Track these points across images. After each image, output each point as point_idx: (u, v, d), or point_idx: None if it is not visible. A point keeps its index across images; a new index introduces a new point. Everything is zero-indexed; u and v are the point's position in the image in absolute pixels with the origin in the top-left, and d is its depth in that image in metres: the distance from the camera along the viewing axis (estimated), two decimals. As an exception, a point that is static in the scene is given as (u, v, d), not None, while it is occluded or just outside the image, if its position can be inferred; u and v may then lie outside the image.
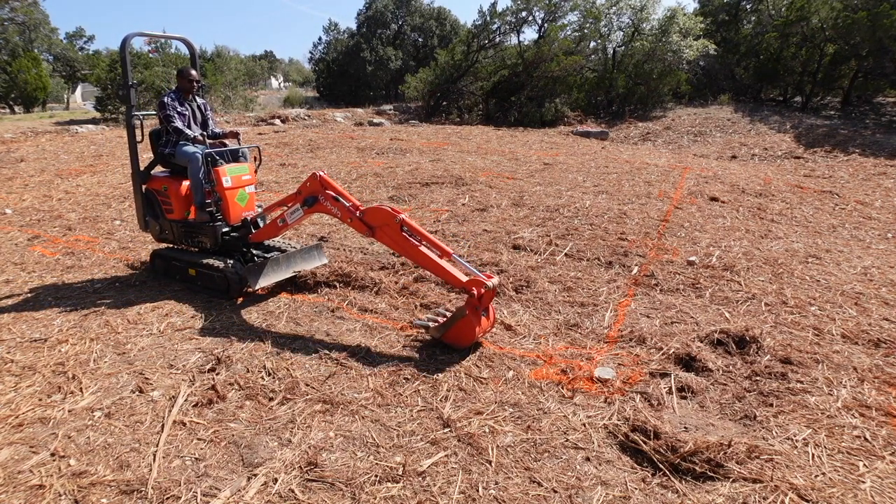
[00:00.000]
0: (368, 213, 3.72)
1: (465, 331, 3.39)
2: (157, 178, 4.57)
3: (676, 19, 19.81)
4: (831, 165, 11.88)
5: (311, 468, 2.40)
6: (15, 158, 10.73)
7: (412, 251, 3.57)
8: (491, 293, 3.36)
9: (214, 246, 4.45)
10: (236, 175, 4.41)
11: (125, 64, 4.27)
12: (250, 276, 4.10)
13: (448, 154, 11.01)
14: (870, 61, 16.92)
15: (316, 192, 3.96)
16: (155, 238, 4.84)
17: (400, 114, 20.95)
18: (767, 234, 6.22)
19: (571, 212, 6.75)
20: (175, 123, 4.39)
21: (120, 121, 16.47)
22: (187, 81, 4.53)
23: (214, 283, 4.34)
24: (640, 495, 2.29)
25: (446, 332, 3.47)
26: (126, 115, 4.47)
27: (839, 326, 3.84)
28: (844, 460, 2.50)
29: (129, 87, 4.32)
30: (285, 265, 4.37)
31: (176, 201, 4.47)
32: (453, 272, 3.46)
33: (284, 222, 4.17)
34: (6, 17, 26.25)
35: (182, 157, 4.39)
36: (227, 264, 4.27)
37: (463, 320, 3.36)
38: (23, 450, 2.53)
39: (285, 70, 58.50)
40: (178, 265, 4.61)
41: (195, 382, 3.09)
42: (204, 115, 4.75)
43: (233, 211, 4.41)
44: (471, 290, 3.31)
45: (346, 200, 3.87)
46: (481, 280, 3.32)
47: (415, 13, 33.28)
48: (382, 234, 3.67)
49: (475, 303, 3.31)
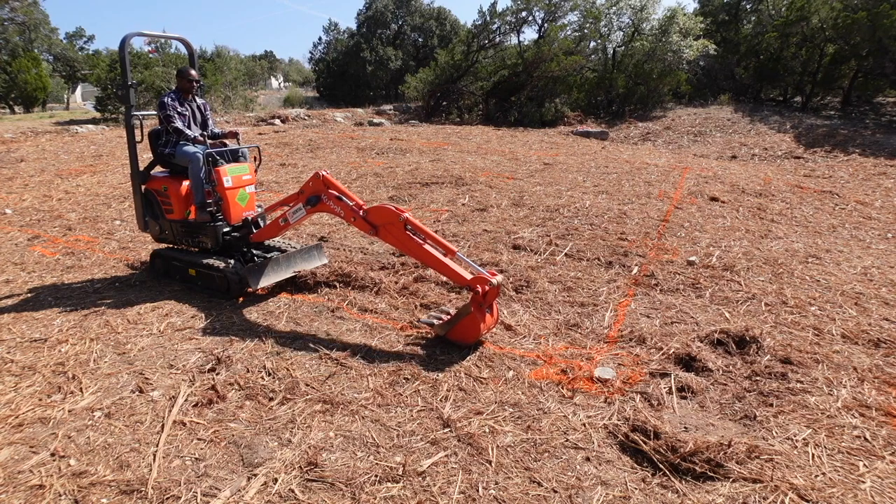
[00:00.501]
0: (372, 212, 3.72)
1: (469, 328, 3.41)
2: (157, 179, 4.56)
3: (676, 19, 19.82)
4: (831, 165, 11.88)
5: (311, 468, 2.40)
6: (15, 158, 10.73)
7: (416, 250, 3.57)
8: (495, 290, 3.40)
9: (215, 246, 4.44)
10: (237, 175, 4.42)
11: (124, 64, 4.26)
12: (250, 277, 4.09)
13: (448, 154, 11.01)
14: (870, 61, 16.92)
15: (319, 192, 3.96)
16: (154, 238, 4.83)
17: (400, 114, 20.95)
18: (767, 234, 6.22)
19: (571, 212, 6.75)
20: (175, 124, 4.39)
21: (120, 121, 16.47)
22: (187, 82, 4.53)
23: (215, 284, 4.34)
24: (640, 495, 2.29)
25: (451, 330, 3.50)
26: (125, 115, 4.47)
27: (839, 326, 3.84)
28: (844, 460, 2.50)
29: (128, 88, 4.31)
30: (285, 265, 4.37)
31: (176, 201, 4.46)
32: (458, 270, 3.48)
33: (286, 222, 4.17)
34: (6, 17, 26.23)
35: (182, 157, 4.39)
36: (227, 264, 4.26)
37: (468, 317, 3.39)
38: (23, 450, 2.53)
39: (285, 70, 58.46)
40: (178, 265, 4.61)
41: (195, 382, 3.09)
42: (204, 116, 4.74)
43: (233, 211, 4.41)
44: (475, 288, 3.33)
45: (349, 200, 3.87)
46: (486, 277, 3.34)
47: (415, 13, 33.27)
48: (386, 233, 3.67)
49: (479, 300, 3.34)
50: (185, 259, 4.52)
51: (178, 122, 4.41)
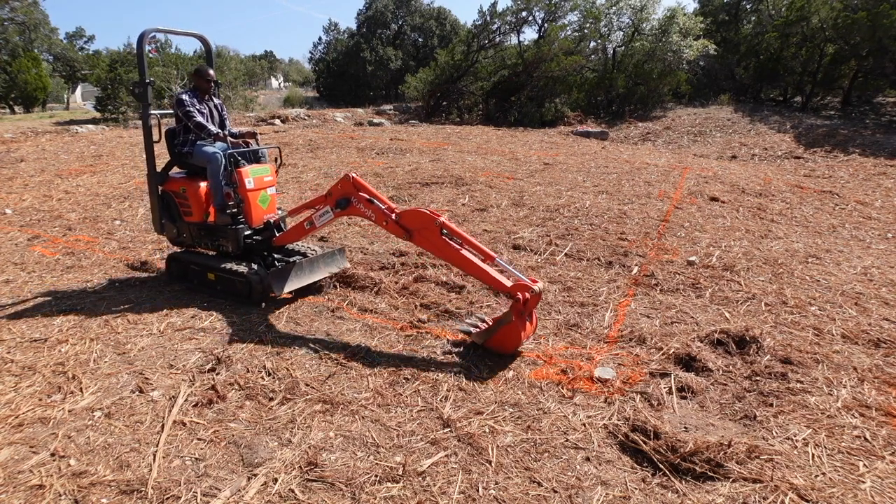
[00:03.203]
0: (406, 216, 3.56)
1: (510, 336, 3.30)
2: (175, 180, 4.41)
3: (676, 19, 19.82)
4: (831, 165, 11.88)
5: (311, 468, 2.40)
6: (15, 158, 10.73)
7: (453, 255, 3.42)
8: (536, 298, 3.26)
9: (236, 250, 4.27)
10: (258, 176, 4.26)
11: (142, 60, 4.11)
12: (275, 282, 3.95)
13: (448, 154, 11.01)
14: (870, 61, 16.92)
15: (348, 194, 3.80)
16: (171, 241, 4.67)
17: (400, 114, 20.95)
18: (767, 234, 6.22)
19: (571, 212, 6.75)
20: (197, 119, 4.20)
21: (120, 121, 16.46)
22: (205, 81, 4.36)
23: (235, 289, 4.19)
24: (640, 495, 2.29)
25: (490, 338, 3.37)
26: (142, 113, 4.28)
27: (839, 326, 3.84)
28: (844, 460, 2.50)
29: (145, 85, 4.16)
30: (308, 270, 4.23)
31: (195, 203, 4.29)
32: (497, 277, 3.33)
33: (312, 225, 4.02)
34: (6, 17, 26.25)
35: (201, 157, 4.22)
36: (249, 269, 4.12)
37: (508, 326, 3.27)
38: (23, 450, 2.53)
39: (285, 70, 58.49)
40: (196, 269, 4.46)
41: (195, 382, 3.09)
42: (221, 116, 4.58)
43: (255, 213, 4.25)
44: (516, 295, 3.21)
45: (380, 203, 3.71)
46: (527, 284, 3.23)
47: (415, 13, 33.30)
48: (421, 238, 3.52)
49: (520, 308, 3.21)
50: (204, 263, 4.37)
51: (199, 117, 4.23)
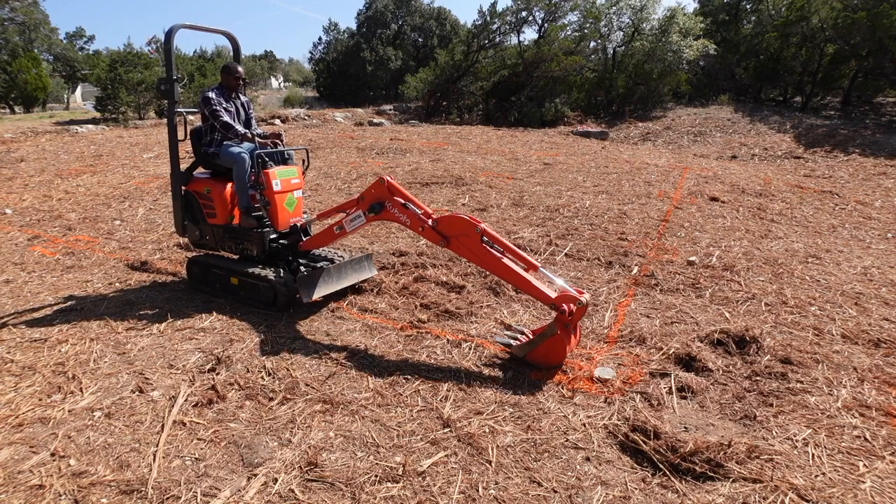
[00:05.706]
0: (443, 222, 3.43)
1: (554, 350, 3.17)
2: (200, 180, 4.29)
3: (676, 19, 19.80)
4: (831, 165, 11.88)
5: (311, 468, 2.40)
6: (15, 158, 10.72)
7: (495, 264, 3.29)
8: (583, 310, 3.11)
9: (262, 254, 4.17)
10: (286, 178, 4.13)
11: (169, 57, 4.02)
12: (303, 288, 3.83)
13: (448, 154, 11.01)
14: (870, 61, 16.91)
15: (382, 199, 3.66)
16: (192, 244, 4.57)
17: (400, 114, 20.94)
18: (767, 234, 6.22)
19: (571, 212, 6.75)
20: (224, 118, 4.09)
21: (120, 121, 16.45)
22: (233, 78, 4.26)
23: (260, 294, 4.08)
24: (640, 495, 2.29)
25: (532, 351, 3.24)
26: (168, 111, 4.19)
27: (839, 326, 3.84)
28: (844, 460, 2.50)
29: (172, 82, 4.04)
30: (336, 276, 4.10)
31: (220, 205, 4.18)
32: (541, 287, 3.18)
33: (342, 230, 3.89)
34: (6, 17, 26.23)
35: (227, 158, 4.11)
36: (276, 274, 4.01)
37: (553, 339, 3.14)
38: (23, 450, 2.53)
39: (285, 70, 58.44)
40: (218, 273, 4.34)
41: (195, 382, 3.09)
42: (248, 114, 4.47)
43: (281, 217, 4.11)
44: (561, 307, 3.06)
45: (416, 208, 3.58)
46: (573, 296, 3.07)
47: (415, 13, 33.27)
48: (459, 245, 3.38)
49: (566, 320, 3.07)
50: (227, 267, 4.24)
51: (225, 116, 4.11)
